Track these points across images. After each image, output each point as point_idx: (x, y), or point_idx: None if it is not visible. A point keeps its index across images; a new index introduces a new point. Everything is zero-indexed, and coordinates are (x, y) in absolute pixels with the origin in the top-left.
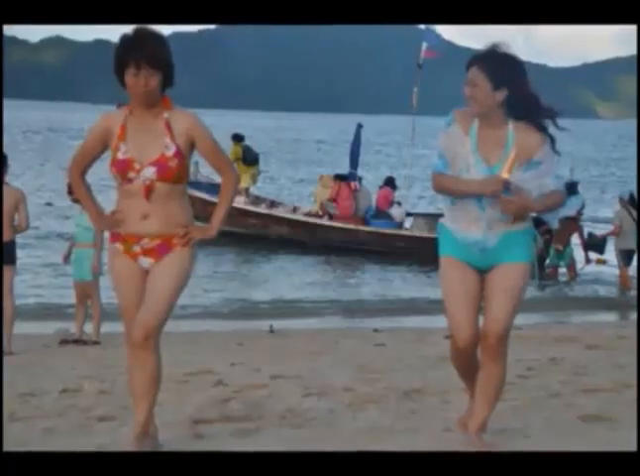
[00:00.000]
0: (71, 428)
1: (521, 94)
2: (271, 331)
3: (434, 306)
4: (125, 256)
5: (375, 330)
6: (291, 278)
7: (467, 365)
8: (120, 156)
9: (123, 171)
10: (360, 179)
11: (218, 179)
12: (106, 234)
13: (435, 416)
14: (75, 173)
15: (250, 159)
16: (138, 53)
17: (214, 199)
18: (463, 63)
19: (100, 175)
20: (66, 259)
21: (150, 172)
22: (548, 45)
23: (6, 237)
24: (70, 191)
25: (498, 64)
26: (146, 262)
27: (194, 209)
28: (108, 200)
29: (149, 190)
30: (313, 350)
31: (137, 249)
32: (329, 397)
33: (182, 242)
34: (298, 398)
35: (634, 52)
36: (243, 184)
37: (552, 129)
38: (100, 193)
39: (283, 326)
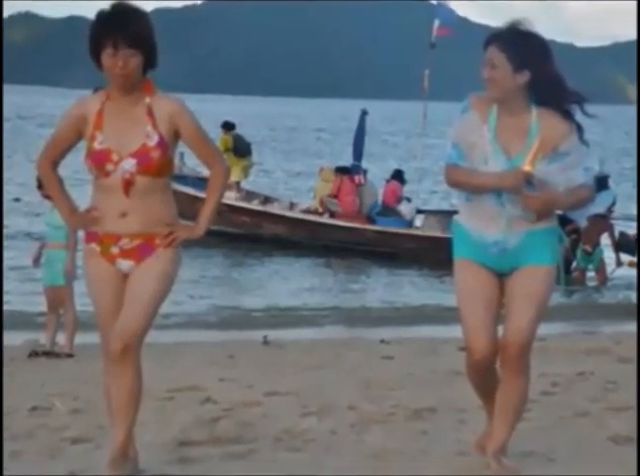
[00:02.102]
0: (41, 451)
1: (545, 77)
2: (266, 342)
3: (447, 314)
4: (101, 258)
5: (382, 341)
6: (288, 283)
7: (484, 380)
8: (96, 146)
9: (99, 162)
10: (364, 173)
11: (206, 173)
12: (80, 234)
13: (449, 437)
14: (46, 165)
15: (241, 149)
16: (115, 30)
17: (201, 195)
18: (480, 42)
19: (74, 167)
20: (36, 261)
21: (129, 164)
22: (575, 21)
23: None
24: (40, 186)
25: (520, 44)
26: (125, 265)
27: (179, 206)
28: (83, 196)
29: (128, 185)
30: (312, 364)
31: (115, 250)
32: (330, 416)
33: (166, 243)
34: (296, 417)
35: None
36: (233, 178)
37: (579, 116)
38: (74, 188)
39: (279, 337)
